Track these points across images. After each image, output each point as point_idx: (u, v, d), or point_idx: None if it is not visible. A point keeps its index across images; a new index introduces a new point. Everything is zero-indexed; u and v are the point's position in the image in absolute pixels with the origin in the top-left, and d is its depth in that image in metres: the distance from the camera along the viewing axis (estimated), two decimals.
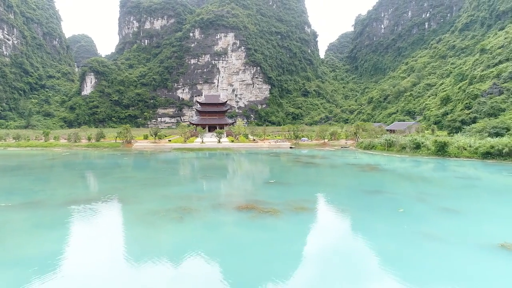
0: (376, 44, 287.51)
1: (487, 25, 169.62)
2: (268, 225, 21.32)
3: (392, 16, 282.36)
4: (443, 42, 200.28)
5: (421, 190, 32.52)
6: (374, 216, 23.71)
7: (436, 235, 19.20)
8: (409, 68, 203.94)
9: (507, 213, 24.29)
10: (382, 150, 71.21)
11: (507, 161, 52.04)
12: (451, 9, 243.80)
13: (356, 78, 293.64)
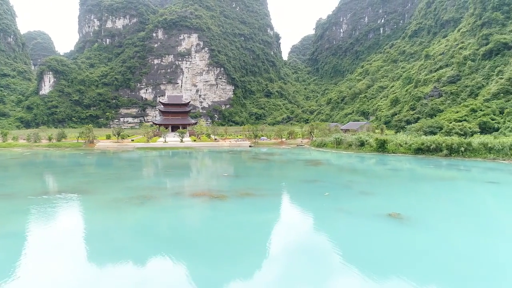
0: (336, 47, 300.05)
1: (433, 33, 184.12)
2: (216, 206, 25.97)
3: (350, 21, 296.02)
4: (395, 47, 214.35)
5: (350, 179, 38.47)
6: (304, 198, 29.01)
7: (346, 210, 24.67)
8: (365, 71, 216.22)
9: (406, 194, 30.48)
10: (332, 148, 77.80)
11: (434, 156, 59.82)
12: (403, 16, 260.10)
13: (317, 79, 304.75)
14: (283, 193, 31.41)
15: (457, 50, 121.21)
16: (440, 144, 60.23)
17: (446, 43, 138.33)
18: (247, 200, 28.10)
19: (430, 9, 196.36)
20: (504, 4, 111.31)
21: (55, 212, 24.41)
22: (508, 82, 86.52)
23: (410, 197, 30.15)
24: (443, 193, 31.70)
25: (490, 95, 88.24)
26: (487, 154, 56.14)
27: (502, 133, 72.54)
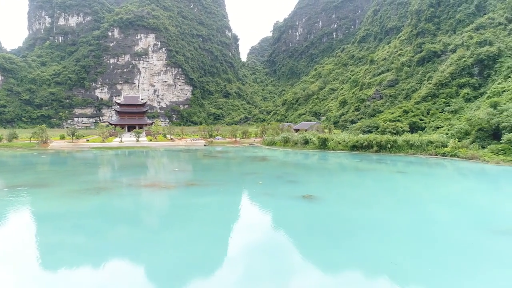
0: (292, 50, 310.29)
1: (378, 39, 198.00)
2: (163, 194, 30.61)
3: (306, 25, 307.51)
4: (345, 51, 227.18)
5: (285, 171, 44.45)
6: (241, 186, 34.37)
7: (271, 194, 30.28)
8: (318, 73, 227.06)
9: (325, 181, 36.81)
10: (280, 146, 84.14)
11: (366, 152, 67.75)
12: (354, 22, 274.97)
13: (275, 81, 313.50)
14: (224, 183, 36.53)
15: (396, 56, 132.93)
16: (371, 142, 68.30)
17: (388, 49, 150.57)
18: (191, 189, 32.96)
19: (377, 17, 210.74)
20: (435, 16, 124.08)
21: (17, 200, 27.88)
22: (435, 87, 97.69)
23: (327, 183, 36.49)
24: (355, 180, 38.44)
25: (420, 98, 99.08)
26: (408, 149, 64.80)
27: (426, 132, 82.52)
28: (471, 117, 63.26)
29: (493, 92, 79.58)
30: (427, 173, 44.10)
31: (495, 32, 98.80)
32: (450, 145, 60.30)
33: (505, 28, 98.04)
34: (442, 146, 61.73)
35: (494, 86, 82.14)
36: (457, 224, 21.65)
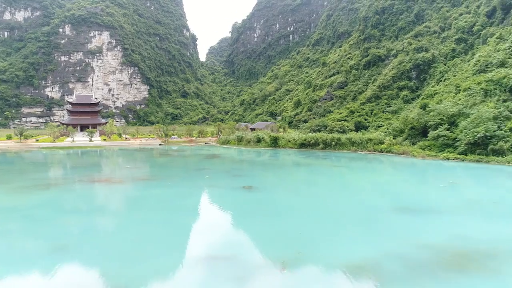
0: (250, 51, 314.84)
1: (331, 43, 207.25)
2: (112, 188, 32.46)
3: (263, 26, 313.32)
4: (301, 54, 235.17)
5: (233, 167, 47.52)
6: (189, 180, 36.88)
7: (216, 185, 33.11)
8: (274, 74, 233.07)
9: (266, 174, 40.30)
10: (234, 144, 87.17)
11: (313, 149, 72.46)
12: (310, 25, 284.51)
13: (233, 81, 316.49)
14: (173, 177, 38.87)
15: (345, 60, 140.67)
16: (317, 140, 73.19)
17: (339, 53, 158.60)
18: (141, 183, 35.03)
19: (330, 21, 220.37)
20: (380, 23, 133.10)
21: None
22: (378, 89, 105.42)
23: (268, 176, 39.98)
24: (295, 173, 42.31)
25: (365, 99, 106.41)
26: (351, 146, 70.28)
27: (369, 131, 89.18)
28: (404, 117, 69.96)
29: (426, 94, 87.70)
30: (360, 166, 49.05)
31: (430, 39, 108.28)
32: (386, 142, 66.45)
33: (439, 36, 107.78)
34: (380, 143, 67.75)
35: (428, 89, 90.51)
36: (368, 205, 25.74)
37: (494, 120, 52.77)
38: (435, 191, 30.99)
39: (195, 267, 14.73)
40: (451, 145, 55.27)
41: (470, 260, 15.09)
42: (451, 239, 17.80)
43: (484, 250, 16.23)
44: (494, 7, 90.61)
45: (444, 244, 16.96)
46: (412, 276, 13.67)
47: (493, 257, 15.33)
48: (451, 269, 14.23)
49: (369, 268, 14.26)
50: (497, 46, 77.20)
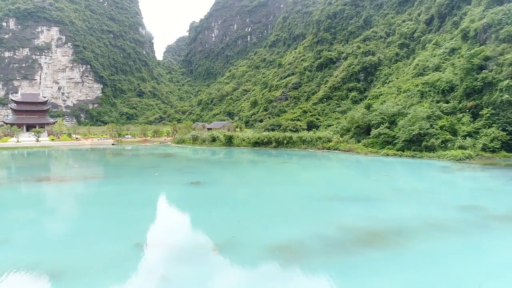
0: (208, 51, 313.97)
1: (287, 44, 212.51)
2: (59, 186, 32.28)
3: (221, 27, 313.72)
4: (258, 54, 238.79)
5: (186, 165, 48.41)
6: (138, 177, 37.35)
7: (166, 181, 34.00)
8: (232, 75, 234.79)
9: (215, 171, 41.67)
10: (189, 144, 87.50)
11: (266, 147, 74.73)
12: (267, 27, 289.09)
13: (191, 81, 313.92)
14: (122, 176, 39.10)
15: (300, 61, 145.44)
16: (270, 138, 75.58)
17: (294, 54, 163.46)
18: (88, 181, 35.02)
19: (286, 23, 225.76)
20: (332, 27, 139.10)
21: None
22: (330, 90, 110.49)
23: (217, 173, 41.42)
24: (243, 170, 44.09)
25: (317, 99, 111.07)
26: (301, 145, 73.35)
27: (320, 130, 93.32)
28: (351, 117, 74.26)
29: (372, 95, 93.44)
30: (307, 163, 51.84)
31: (377, 44, 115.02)
32: (334, 140, 70.16)
33: (384, 41, 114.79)
34: (328, 141, 71.39)
35: (374, 90, 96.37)
36: (305, 195, 27.91)
37: (427, 119, 57.74)
38: (368, 183, 34.03)
39: (134, 253, 15.80)
40: (390, 142, 59.70)
41: (379, 237, 17.47)
42: (368, 221, 20.25)
43: (393, 228, 18.77)
44: (432, 15, 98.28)
45: (361, 226, 19.32)
46: (328, 251, 15.71)
47: (398, 234, 17.84)
48: (362, 244, 16.46)
49: (293, 246, 16.14)
50: (433, 51, 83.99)
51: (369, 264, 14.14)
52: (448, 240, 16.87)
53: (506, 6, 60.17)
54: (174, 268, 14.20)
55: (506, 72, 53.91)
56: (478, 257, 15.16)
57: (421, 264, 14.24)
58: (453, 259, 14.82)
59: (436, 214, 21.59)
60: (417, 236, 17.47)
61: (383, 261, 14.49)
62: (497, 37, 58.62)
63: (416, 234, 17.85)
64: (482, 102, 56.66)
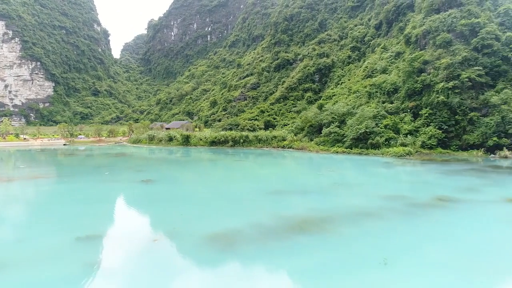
0: (167, 49, 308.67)
1: (247, 45, 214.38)
2: (6, 186, 31.42)
3: (181, 25, 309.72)
4: (217, 54, 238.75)
5: (138, 164, 48.35)
6: (87, 177, 37.03)
7: (115, 180, 34.02)
8: (191, 74, 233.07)
9: (170, 169, 42.19)
10: (146, 143, 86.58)
11: (223, 146, 75.73)
12: (227, 27, 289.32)
13: (150, 80, 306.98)
14: (71, 175, 38.51)
15: (258, 62, 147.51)
16: (227, 138, 76.74)
17: (253, 55, 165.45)
18: (37, 180, 34.29)
19: (245, 24, 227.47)
20: (289, 29, 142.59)
21: None
22: (286, 90, 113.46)
23: (169, 171, 41.96)
24: (197, 167, 44.88)
25: (274, 99, 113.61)
26: (257, 143, 75.14)
27: (276, 129, 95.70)
28: (304, 116, 77.10)
29: (326, 96, 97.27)
30: (261, 160, 53.56)
31: (331, 46, 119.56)
32: (288, 139, 72.58)
33: (338, 43, 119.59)
34: (283, 140, 73.75)
35: (328, 91, 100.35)
36: (250, 190, 29.35)
37: (373, 118, 61.43)
38: (313, 178, 36.15)
39: (75, 246, 16.28)
40: (340, 140, 62.89)
41: (311, 224, 19.16)
42: (305, 211, 21.97)
43: (324, 217, 20.57)
44: (381, 21, 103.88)
45: (297, 215, 20.97)
46: (261, 238, 17.09)
47: (327, 221, 19.64)
48: (294, 231, 18.03)
49: (229, 235, 17.37)
50: (381, 54, 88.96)
51: (295, 246, 15.67)
52: (368, 225, 18.89)
53: (442, 15, 65.38)
54: (112, 257, 14.94)
55: (442, 75, 58.72)
56: (389, 238, 17.23)
57: (339, 245, 16.03)
58: (368, 240, 16.74)
59: (365, 204, 23.77)
60: (343, 223, 19.36)
61: (308, 244, 16.09)
62: (435, 43, 63.57)
63: (342, 221, 19.74)
64: (422, 103, 61.20)
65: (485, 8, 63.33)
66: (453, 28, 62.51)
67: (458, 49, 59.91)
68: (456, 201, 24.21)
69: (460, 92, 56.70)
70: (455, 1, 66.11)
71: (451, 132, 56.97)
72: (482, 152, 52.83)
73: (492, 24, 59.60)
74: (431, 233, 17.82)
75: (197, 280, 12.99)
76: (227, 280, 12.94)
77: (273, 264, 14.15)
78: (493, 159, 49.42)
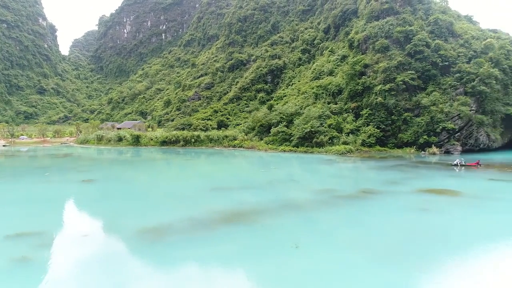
0: (120, 47, 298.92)
1: (202, 45, 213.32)
2: None
3: (134, 22, 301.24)
4: (172, 53, 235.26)
5: (81, 164, 47.39)
6: (25, 178, 36.00)
7: (56, 181, 33.45)
8: (145, 73, 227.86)
9: (114, 169, 42.00)
10: (94, 144, 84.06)
11: (175, 146, 75.54)
12: (182, 25, 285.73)
13: (102, 78, 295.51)
14: (8, 176, 37.19)
15: (212, 62, 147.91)
16: (178, 137, 76.65)
17: (207, 55, 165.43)
18: None
19: (200, 23, 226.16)
20: (243, 30, 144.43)
21: None
22: (239, 91, 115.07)
23: (114, 170, 41.77)
24: (142, 167, 44.98)
25: (228, 99, 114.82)
26: (209, 143, 75.85)
27: (229, 129, 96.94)
28: (255, 116, 79.03)
29: (277, 96, 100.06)
30: (210, 159, 54.53)
31: (283, 48, 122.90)
32: (239, 138, 74.06)
33: (289, 46, 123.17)
34: (234, 139, 75.06)
35: (279, 92, 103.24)
36: (192, 187, 30.32)
37: (318, 118, 64.49)
38: (255, 175, 37.79)
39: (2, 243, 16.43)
40: (288, 139, 65.34)
41: (241, 216, 20.57)
42: (238, 205, 23.39)
43: (255, 209, 22.10)
44: (329, 25, 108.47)
45: (230, 209, 22.33)
46: (191, 229, 18.22)
47: (257, 213, 21.17)
48: (224, 223, 19.33)
49: (161, 228, 18.32)
50: (329, 57, 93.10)
51: (221, 235, 16.99)
52: (291, 215, 20.70)
53: (380, 22, 70.09)
54: (40, 253, 15.35)
55: (380, 78, 63.07)
56: (307, 226, 19.10)
57: (260, 233, 17.59)
58: (287, 228, 18.47)
59: (296, 197, 25.69)
60: (270, 214, 20.99)
61: (233, 233, 17.48)
62: (374, 48, 68.00)
63: (270, 212, 21.37)
64: (362, 104, 65.26)
65: (418, 17, 68.78)
66: (390, 35, 67.27)
67: (394, 54, 64.66)
68: (377, 192, 26.83)
69: (395, 94, 61.28)
70: (392, 10, 71.12)
71: (388, 131, 61.42)
72: (414, 150, 57.60)
73: (423, 32, 64.92)
74: (345, 221, 19.95)
75: (125, 270, 13.81)
76: (153, 267, 13.94)
77: (197, 250, 15.31)
78: (423, 156, 54.06)
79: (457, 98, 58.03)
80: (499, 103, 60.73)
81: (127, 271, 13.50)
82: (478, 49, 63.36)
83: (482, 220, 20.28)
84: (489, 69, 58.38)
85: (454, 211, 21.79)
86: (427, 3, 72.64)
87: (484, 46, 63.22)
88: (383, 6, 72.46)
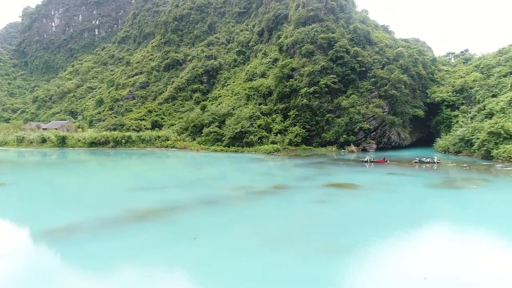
0: (47, 41, 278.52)
1: (137, 42, 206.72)
2: None
3: (63, 16, 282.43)
4: (106, 50, 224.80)
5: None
6: None
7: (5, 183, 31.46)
8: (76, 70, 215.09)
9: (30, 172, 40.35)
10: (14, 146, 78.52)
11: (104, 147, 73.44)
12: (117, 21, 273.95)
13: (26, 74, 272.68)
14: None
15: (148, 61, 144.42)
16: (108, 138, 74.67)
17: (143, 53, 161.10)
18: None
19: (136, 20, 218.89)
20: (179, 29, 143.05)
21: None
22: (175, 90, 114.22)
23: (29, 174, 40.14)
24: (64, 169, 43.65)
25: (163, 99, 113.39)
26: (141, 144, 74.86)
27: (163, 129, 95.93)
28: (188, 117, 79.53)
29: (213, 97, 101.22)
30: (138, 160, 54.21)
31: (219, 49, 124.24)
32: (172, 138, 74.15)
33: (225, 47, 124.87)
34: (166, 140, 74.94)
35: (215, 92, 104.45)
36: (114, 187, 30.56)
37: (249, 119, 66.96)
38: (180, 175, 38.76)
39: None
40: (219, 139, 66.98)
41: (152, 214, 21.55)
42: (153, 203, 24.29)
43: (169, 207, 23.20)
44: (263, 28, 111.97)
45: (145, 207, 23.17)
46: (100, 227, 18.82)
47: (169, 210, 22.31)
48: (135, 220, 20.16)
49: (69, 227, 18.66)
50: (262, 60, 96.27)
51: (128, 231, 17.91)
52: (200, 211, 22.21)
53: (306, 28, 74.50)
54: None
55: (305, 81, 67.15)
56: (211, 219, 20.70)
57: (165, 228, 18.82)
58: (191, 222, 19.93)
59: (212, 194, 27.24)
60: (181, 211, 22.29)
61: (140, 229, 18.49)
62: (300, 52, 72.12)
63: (182, 209, 22.68)
64: (290, 105, 68.95)
65: (340, 25, 74.27)
66: (315, 40, 71.82)
67: (318, 59, 69.22)
68: (287, 188, 29.39)
69: (319, 97, 65.73)
70: (317, 17, 75.89)
71: (313, 131, 65.74)
72: (336, 148, 62.40)
73: (344, 39, 70.35)
74: (248, 214, 21.91)
75: (29, 267, 14.20)
76: (57, 263, 14.55)
77: (102, 245, 16.11)
78: (343, 153, 58.83)
79: (373, 101, 63.96)
80: (408, 105, 68.01)
81: (36, 268, 13.97)
82: (390, 57, 70.27)
83: (369, 209, 23.42)
84: (399, 75, 65.16)
85: (347, 202, 24.84)
86: (348, 13, 78.62)
87: (396, 54, 70.29)
88: (309, 13, 76.98)
